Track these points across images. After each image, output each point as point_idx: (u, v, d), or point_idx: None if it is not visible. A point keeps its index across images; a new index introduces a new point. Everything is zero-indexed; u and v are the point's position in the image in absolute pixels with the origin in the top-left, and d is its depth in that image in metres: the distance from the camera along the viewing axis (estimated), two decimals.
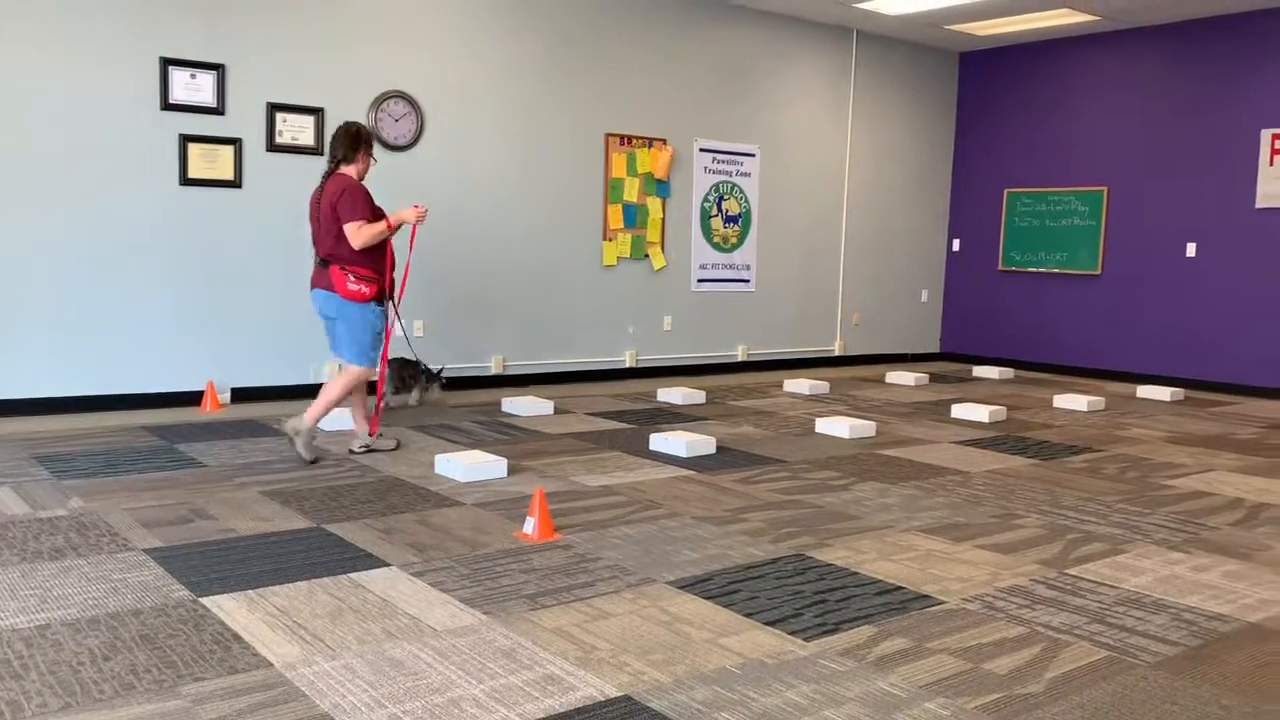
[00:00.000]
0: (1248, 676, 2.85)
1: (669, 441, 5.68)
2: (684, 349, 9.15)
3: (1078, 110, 9.93)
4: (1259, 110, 8.71)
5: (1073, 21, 9.24)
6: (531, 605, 3.24)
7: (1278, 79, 8.59)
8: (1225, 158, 8.92)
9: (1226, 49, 8.90)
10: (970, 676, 2.78)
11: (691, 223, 9.08)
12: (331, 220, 5.04)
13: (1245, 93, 8.78)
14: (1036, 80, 10.24)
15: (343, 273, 5.07)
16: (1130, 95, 9.54)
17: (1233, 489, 5.21)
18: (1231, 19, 8.85)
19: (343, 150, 5.14)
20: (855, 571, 3.67)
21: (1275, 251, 8.64)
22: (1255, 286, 8.78)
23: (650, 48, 8.62)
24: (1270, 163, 8.62)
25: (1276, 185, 8.60)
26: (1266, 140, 8.63)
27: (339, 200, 5.00)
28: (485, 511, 4.35)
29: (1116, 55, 9.63)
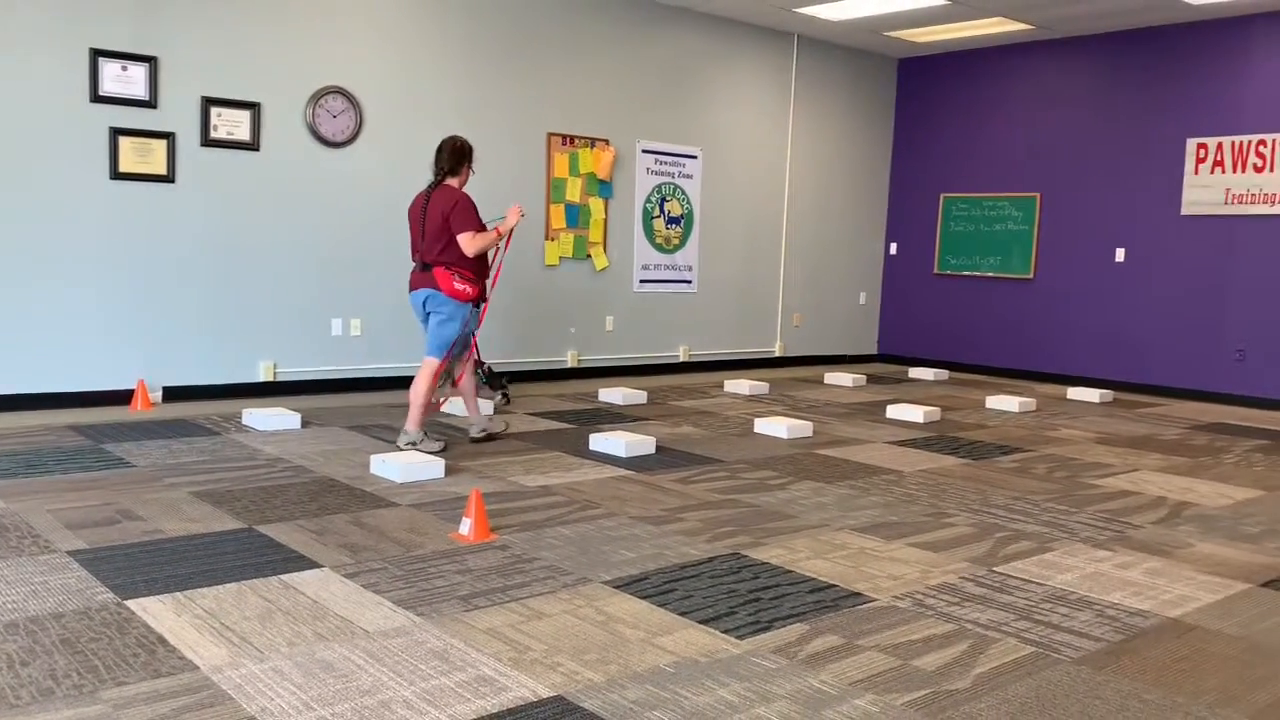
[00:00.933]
0: (1167, 670, 2.93)
1: (608, 442, 5.68)
2: (626, 349, 9.16)
3: (1012, 117, 10.13)
4: (1184, 120, 8.96)
5: (1007, 30, 9.43)
6: (466, 606, 3.22)
7: (1202, 90, 8.84)
8: (1153, 166, 9.16)
9: (1154, 60, 9.14)
10: (899, 673, 2.83)
11: (634, 223, 9.10)
12: (442, 228, 5.34)
13: (1171, 103, 9.03)
14: (972, 87, 10.43)
15: (448, 272, 5.37)
16: (1062, 104, 9.76)
17: (1157, 488, 5.36)
18: (1159, 31, 9.09)
19: (449, 163, 5.43)
20: (789, 570, 3.71)
21: (1200, 257, 8.90)
22: (1180, 291, 9.03)
23: (593, 48, 8.62)
24: (1195, 171, 8.87)
25: (1201, 193, 8.85)
26: (1192, 149, 8.88)
27: (452, 211, 5.32)
28: (421, 512, 4.31)
29: (1049, 64, 9.84)
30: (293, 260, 7.21)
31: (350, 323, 7.49)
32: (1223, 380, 8.83)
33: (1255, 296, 8.60)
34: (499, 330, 8.28)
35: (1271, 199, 8.45)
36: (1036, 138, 9.95)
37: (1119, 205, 9.39)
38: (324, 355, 7.41)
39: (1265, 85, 8.49)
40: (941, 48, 10.37)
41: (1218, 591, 3.67)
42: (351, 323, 7.50)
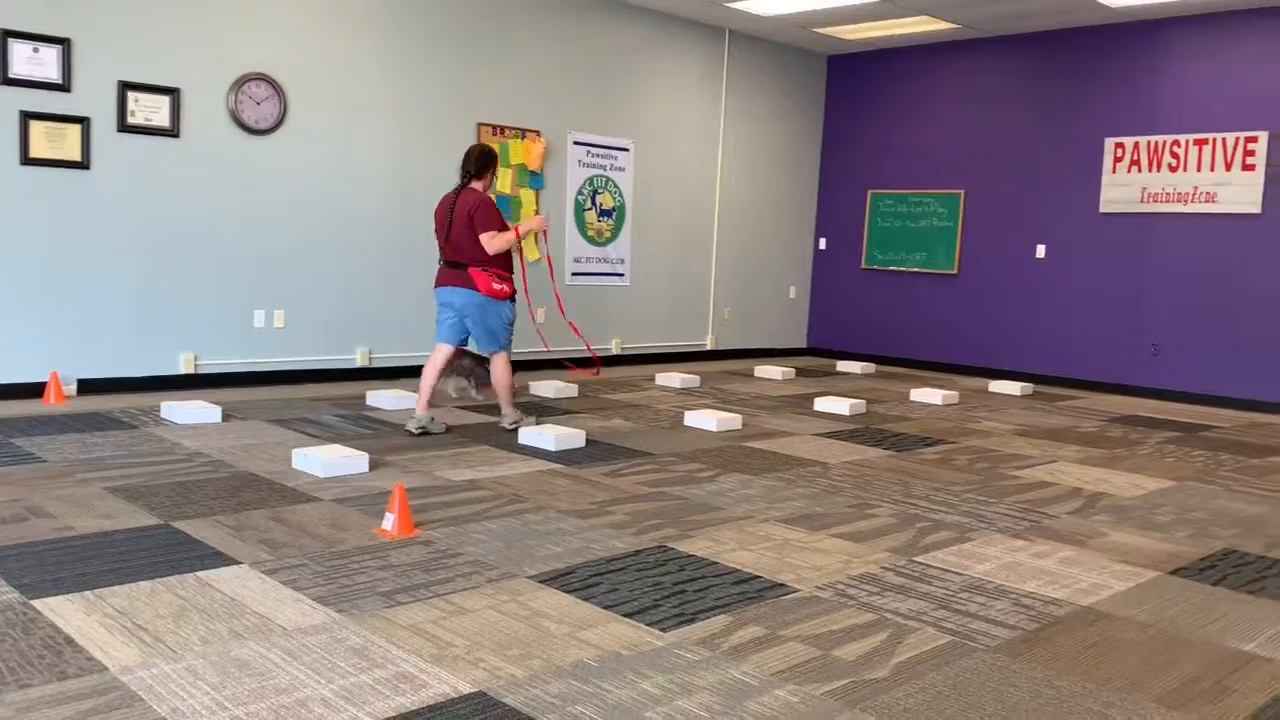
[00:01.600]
0: (1078, 658, 3.01)
1: (538, 435, 5.66)
2: (556, 342, 9.12)
3: (938, 115, 10.30)
4: (1103, 119, 9.19)
5: (934, 29, 9.58)
6: (387, 602, 3.18)
7: (1120, 91, 9.08)
8: (1072, 164, 9.39)
9: (1074, 61, 9.36)
10: (820, 663, 2.86)
11: (565, 215, 9.06)
12: (467, 229, 5.72)
13: (1090, 102, 9.26)
14: (900, 85, 10.58)
15: (486, 274, 5.76)
16: (986, 102, 9.95)
17: (1073, 479, 5.50)
18: (1079, 32, 9.31)
19: (475, 168, 5.82)
20: (715, 562, 3.73)
21: (1117, 254, 9.15)
22: (1098, 287, 9.27)
23: (524, 38, 8.56)
24: (1113, 170, 9.11)
25: (1118, 191, 9.09)
26: (1109, 148, 9.12)
27: (476, 212, 5.70)
28: (344, 507, 4.25)
29: (974, 63, 10.03)
30: (214, 250, 7.04)
31: (274, 314, 7.35)
32: (1138, 374, 9.10)
33: (1169, 293, 8.87)
34: (424, 323, 8.19)
35: (1185, 198, 8.71)
36: (961, 135, 10.13)
37: (1040, 202, 9.61)
38: (246, 347, 7.26)
39: (1178, 87, 8.75)
40: (870, 45, 10.50)
41: (1128, 580, 3.78)
42: (275, 314, 7.36)
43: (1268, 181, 8.23)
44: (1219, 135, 8.52)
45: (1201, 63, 8.64)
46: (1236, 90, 8.46)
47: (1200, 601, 3.57)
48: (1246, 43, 8.41)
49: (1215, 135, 8.54)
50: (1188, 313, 8.78)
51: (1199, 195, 8.64)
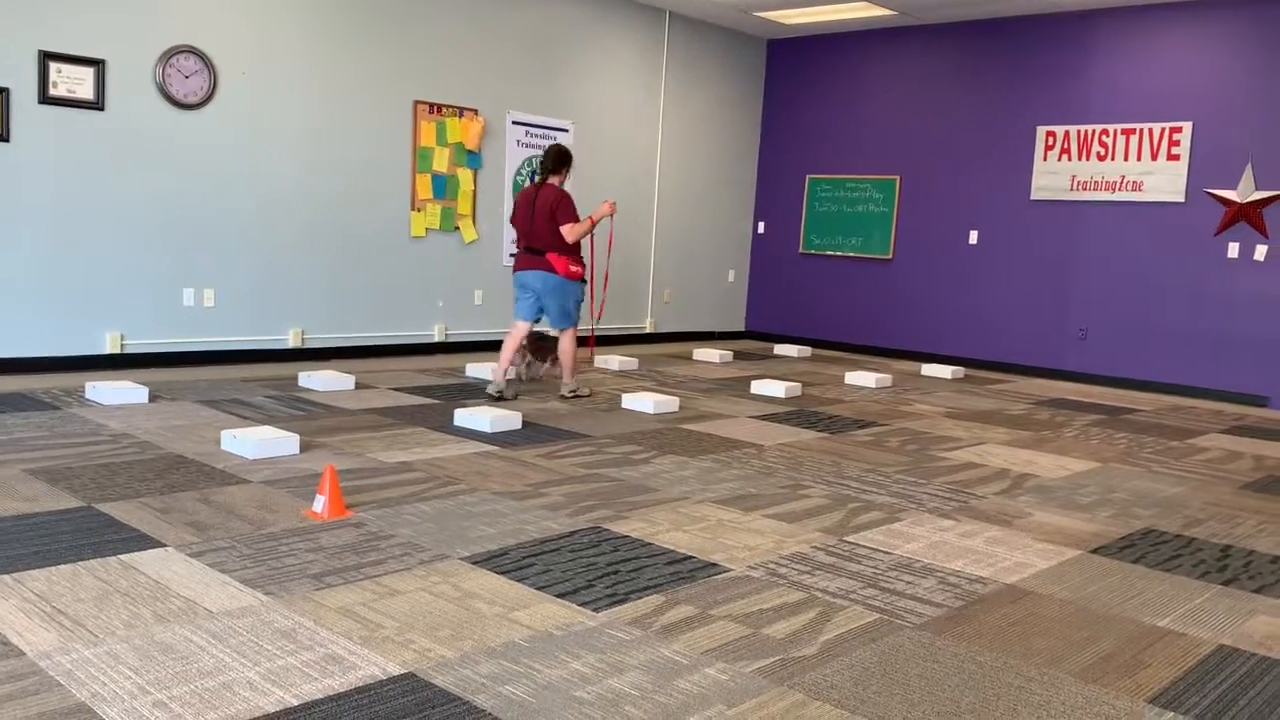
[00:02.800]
0: (1001, 634, 3.08)
1: (473, 417, 5.63)
2: (496, 324, 9.07)
3: (874, 101, 10.40)
4: (1035, 108, 9.36)
5: (871, 15, 9.66)
6: (317, 585, 3.15)
7: (1050, 79, 9.25)
8: (1005, 151, 9.55)
9: (1008, 49, 9.51)
10: (750, 641, 2.89)
11: (504, 196, 8.99)
12: (549, 219, 6.41)
13: (1023, 91, 9.42)
14: (838, 70, 10.66)
15: (563, 258, 6.50)
16: (922, 88, 10.07)
17: (1001, 460, 5.62)
18: (1013, 21, 9.46)
19: (553, 165, 6.53)
20: (649, 542, 3.75)
21: (1047, 240, 9.34)
22: (1029, 272, 9.46)
23: (461, 15, 8.46)
24: (1044, 157, 9.29)
25: (1049, 178, 9.27)
26: (1041, 136, 9.29)
27: (558, 206, 6.42)
28: (273, 489, 4.19)
29: (910, 50, 10.14)
30: (142, 227, 6.87)
31: (203, 293, 7.20)
32: (1066, 358, 9.31)
33: (1097, 279, 9.08)
34: (360, 303, 8.09)
35: (1112, 186, 8.92)
36: (897, 121, 10.25)
37: (973, 189, 9.77)
38: (175, 327, 7.10)
39: (1107, 78, 8.94)
40: (809, 30, 10.55)
41: (1051, 558, 3.88)
42: (205, 293, 7.21)
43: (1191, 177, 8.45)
44: (1146, 125, 8.73)
45: (1130, 54, 8.83)
46: (1163, 82, 8.67)
47: (1119, 579, 3.68)
48: (1172, 36, 8.61)
49: (1142, 125, 8.74)
50: (1114, 299, 9.00)
51: (1126, 184, 8.85)
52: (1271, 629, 3.25)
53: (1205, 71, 8.46)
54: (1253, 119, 8.26)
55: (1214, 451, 6.26)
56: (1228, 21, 8.35)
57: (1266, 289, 8.25)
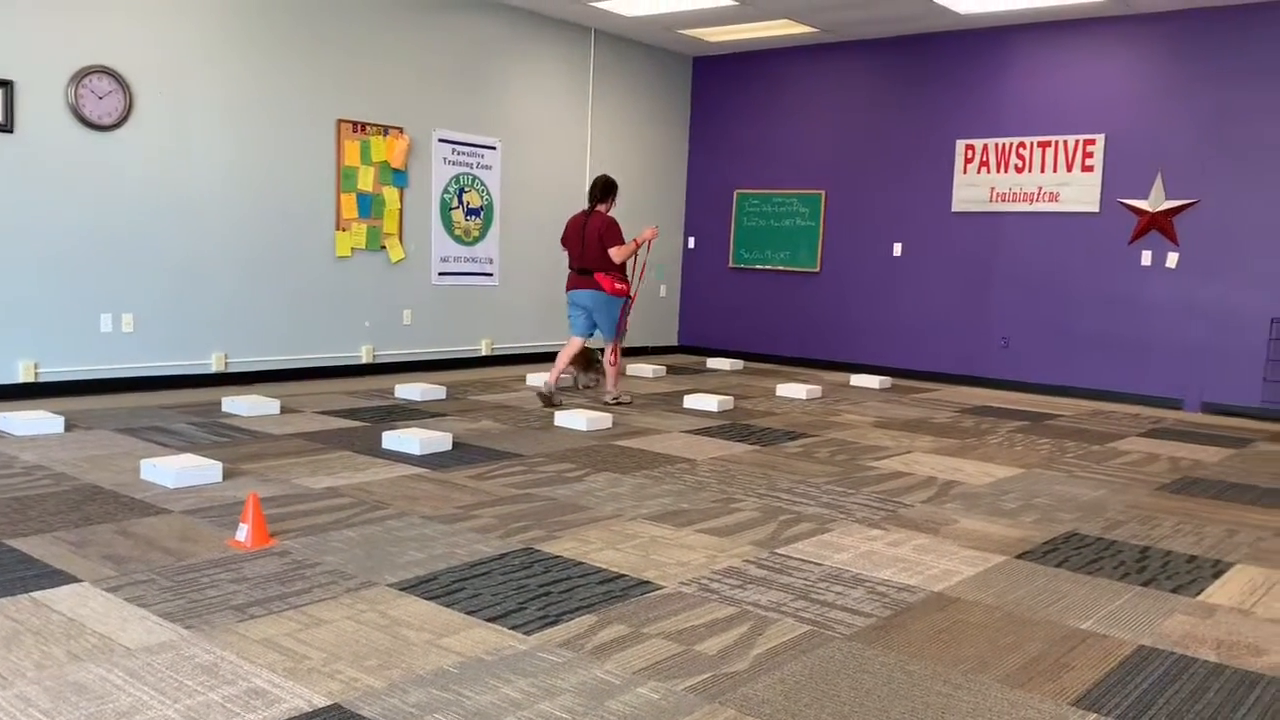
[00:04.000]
0: (929, 642, 3.12)
1: (402, 439, 5.55)
2: (425, 343, 8.98)
3: (799, 116, 10.54)
4: (954, 122, 9.57)
5: (794, 32, 9.80)
6: (240, 616, 3.07)
7: (968, 94, 9.47)
8: (926, 165, 9.75)
9: (927, 65, 9.71)
10: (682, 659, 2.89)
11: (431, 214, 8.92)
12: (597, 243, 7.17)
13: (942, 106, 9.63)
14: (763, 86, 10.79)
15: (609, 278, 7.24)
16: (845, 104, 10.23)
17: (927, 469, 5.70)
18: (932, 38, 9.67)
19: (600, 194, 7.29)
20: (581, 562, 3.73)
21: (969, 251, 9.54)
22: (952, 283, 9.65)
23: (385, 33, 8.39)
24: (964, 170, 9.50)
25: (969, 191, 9.48)
26: (961, 150, 9.50)
27: (606, 231, 7.19)
28: (195, 519, 4.08)
29: (833, 66, 10.30)
30: (56, 251, 6.68)
31: (121, 318, 7.02)
32: (990, 366, 9.51)
33: (1017, 288, 9.30)
34: (285, 325, 7.95)
35: (1030, 197, 9.14)
36: (821, 136, 10.40)
37: (896, 202, 9.94)
38: (92, 353, 6.91)
39: (1024, 92, 9.18)
40: (733, 47, 10.67)
41: (977, 565, 3.94)
42: (123, 318, 7.02)
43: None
44: (1061, 138, 8.97)
45: (1045, 69, 9.08)
46: (1077, 95, 8.92)
47: (1044, 583, 3.75)
48: (1085, 50, 8.88)
49: (1057, 138, 8.99)
50: (1035, 307, 9.22)
51: (1043, 195, 9.08)
52: (1188, 628, 3.34)
53: (1116, 85, 8.73)
54: (1162, 131, 8.55)
55: (1133, 454, 6.43)
56: (1137, 36, 8.63)
57: (1178, 295, 8.52)
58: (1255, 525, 4.75)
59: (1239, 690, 2.85)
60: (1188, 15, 8.38)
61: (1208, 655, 3.10)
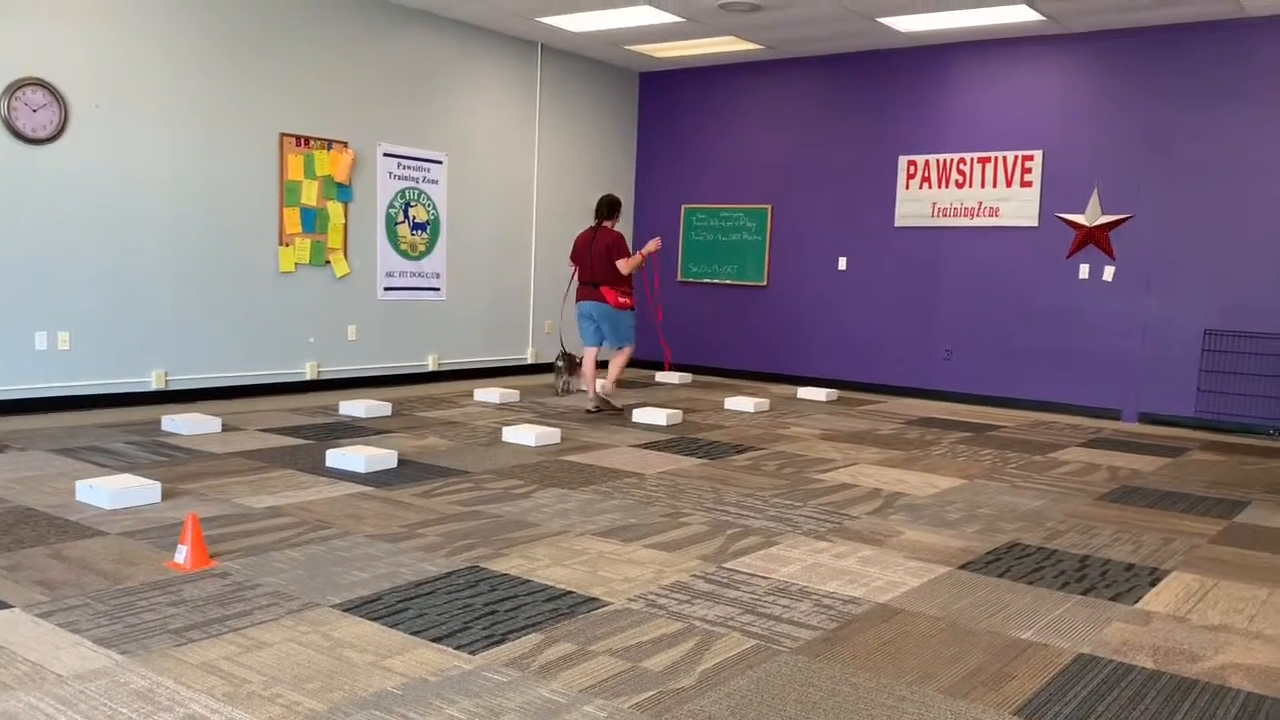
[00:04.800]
0: (874, 654, 3.15)
1: (346, 457, 5.49)
2: (370, 359, 8.89)
3: (745, 131, 10.63)
4: (896, 138, 9.71)
5: (739, 49, 9.88)
6: (178, 640, 3.01)
7: (910, 111, 9.62)
8: (870, 180, 9.87)
9: (870, 82, 9.85)
10: (628, 676, 2.88)
11: (377, 229, 8.84)
12: (605, 257, 7.64)
13: (885, 122, 9.77)
14: (710, 102, 10.87)
15: (614, 291, 7.70)
16: (790, 120, 10.34)
17: (873, 480, 5.76)
18: (874, 55, 9.81)
19: (607, 212, 7.80)
20: (528, 580, 3.71)
21: (912, 265, 9.67)
22: (896, 296, 9.78)
23: (329, 46, 8.32)
24: (906, 186, 9.63)
25: (912, 206, 9.62)
26: (903, 166, 9.64)
27: (614, 246, 7.66)
28: (132, 541, 4.00)
29: (778, 83, 10.41)
30: None
31: (57, 336, 6.86)
32: (934, 378, 9.63)
33: (959, 301, 9.44)
34: (227, 342, 7.82)
35: (970, 212, 9.30)
36: (768, 152, 10.49)
37: (841, 217, 10.06)
38: (26, 372, 6.74)
39: (963, 108, 9.34)
40: (679, 63, 10.73)
41: (922, 576, 3.98)
42: (59, 335, 6.87)
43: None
44: (1000, 154, 9.14)
45: (984, 86, 9.25)
46: (1015, 112, 9.10)
47: (986, 594, 3.80)
48: (1023, 68, 9.07)
49: (997, 154, 9.16)
50: (976, 320, 9.37)
51: (983, 210, 9.24)
52: (1126, 635, 3.40)
53: (1053, 102, 8.93)
54: (1097, 147, 8.75)
55: (1073, 464, 6.55)
56: (1073, 55, 8.83)
57: (1115, 308, 8.71)
58: (1190, 533, 4.86)
59: (1175, 696, 2.91)
60: (1121, 35, 8.60)
61: (1145, 662, 3.16)
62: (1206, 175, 8.30)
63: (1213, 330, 8.30)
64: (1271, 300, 8.07)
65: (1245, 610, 3.72)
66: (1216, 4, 7.77)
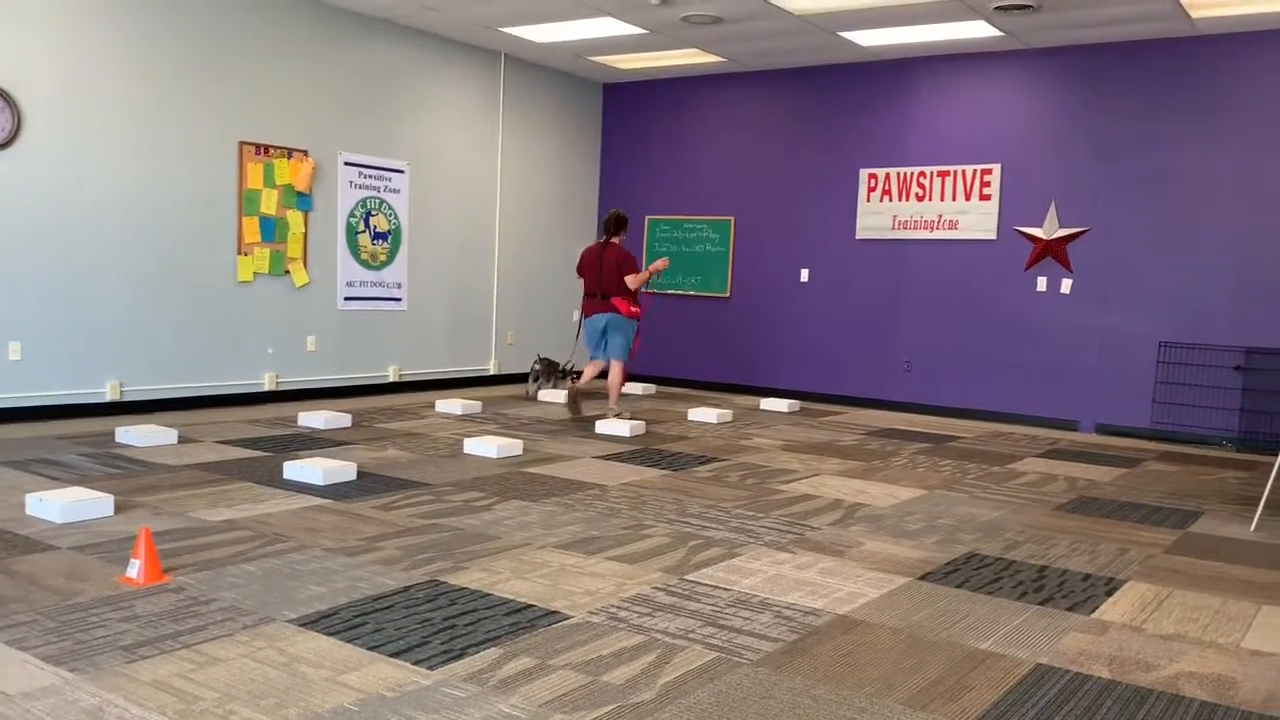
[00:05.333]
0: (834, 665, 3.15)
1: (304, 469, 5.42)
2: (330, 370, 8.81)
3: (709, 143, 10.68)
4: (857, 151, 9.79)
5: (702, 61, 9.93)
6: (129, 657, 2.95)
7: (870, 124, 9.70)
8: (831, 193, 9.95)
9: (831, 95, 9.93)
10: (589, 690, 2.86)
11: (337, 238, 8.77)
12: (614, 271, 7.83)
13: (847, 135, 9.85)
14: (673, 114, 10.90)
15: (624, 301, 7.90)
16: (754, 132, 10.40)
17: (834, 491, 5.78)
18: (836, 69, 9.89)
19: (614, 228, 7.97)
20: (488, 593, 3.68)
21: (872, 277, 9.74)
22: (857, 308, 9.85)
23: (290, 55, 8.25)
24: (867, 199, 9.71)
25: (873, 218, 9.70)
26: (864, 179, 9.72)
27: (623, 261, 7.86)
28: (84, 555, 3.92)
29: (742, 95, 10.46)
30: None
31: (8, 346, 6.73)
32: (894, 389, 9.71)
33: (919, 313, 9.53)
34: (184, 352, 7.72)
35: (930, 225, 9.39)
36: (731, 164, 10.54)
37: (804, 229, 10.12)
38: None
39: (923, 122, 9.44)
40: (643, 75, 10.76)
41: (882, 587, 4.00)
42: (10, 346, 6.74)
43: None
44: (960, 167, 9.25)
45: (944, 100, 9.36)
46: (974, 126, 9.22)
47: (945, 604, 3.82)
48: (982, 83, 9.18)
49: (956, 167, 9.26)
50: (936, 331, 9.45)
51: (943, 223, 9.34)
52: (1083, 645, 3.43)
53: (1012, 117, 9.04)
54: (1055, 161, 8.87)
55: (1031, 475, 6.62)
56: (1031, 71, 8.96)
57: (1072, 320, 8.83)
58: (1145, 543, 4.93)
59: (1130, 705, 2.94)
60: (1078, 51, 8.74)
61: (1101, 672, 3.19)
62: (1161, 189, 8.44)
63: (1167, 342, 8.44)
64: (1224, 312, 8.22)
65: (1199, 619, 3.77)
66: (1170, 22, 7.92)
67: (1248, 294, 8.13)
